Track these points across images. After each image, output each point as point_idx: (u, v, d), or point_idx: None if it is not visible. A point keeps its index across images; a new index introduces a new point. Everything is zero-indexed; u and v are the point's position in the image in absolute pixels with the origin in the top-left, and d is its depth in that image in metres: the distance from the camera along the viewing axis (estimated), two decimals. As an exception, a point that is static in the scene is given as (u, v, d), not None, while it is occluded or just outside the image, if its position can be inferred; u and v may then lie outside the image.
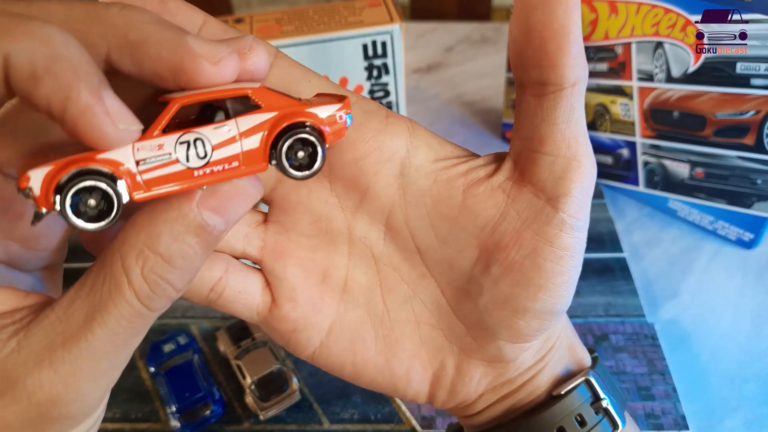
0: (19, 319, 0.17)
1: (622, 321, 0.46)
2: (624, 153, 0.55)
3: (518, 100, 0.23)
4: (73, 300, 0.17)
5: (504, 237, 0.23)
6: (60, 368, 0.16)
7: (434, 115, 0.68)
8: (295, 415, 0.42)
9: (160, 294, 0.17)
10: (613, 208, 0.56)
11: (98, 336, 0.17)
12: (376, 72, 0.44)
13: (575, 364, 0.27)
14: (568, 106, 0.21)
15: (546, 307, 0.23)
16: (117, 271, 0.17)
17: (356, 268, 0.25)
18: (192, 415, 0.40)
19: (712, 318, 0.47)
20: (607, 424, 0.25)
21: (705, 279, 0.50)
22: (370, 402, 0.42)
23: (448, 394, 0.26)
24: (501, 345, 0.24)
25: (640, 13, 0.48)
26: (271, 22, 0.43)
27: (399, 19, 0.43)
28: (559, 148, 0.22)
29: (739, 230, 0.51)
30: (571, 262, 0.22)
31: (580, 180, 0.22)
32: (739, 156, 0.47)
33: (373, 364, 0.25)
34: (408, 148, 0.23)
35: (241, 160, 0.18)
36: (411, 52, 0.79)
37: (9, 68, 0.15)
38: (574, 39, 0.20)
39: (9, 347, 0.16)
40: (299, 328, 0.24)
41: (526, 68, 0.21)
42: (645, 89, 0.50)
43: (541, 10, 0.19)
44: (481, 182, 0.23)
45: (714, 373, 0.43)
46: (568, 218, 0.22)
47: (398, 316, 0.25)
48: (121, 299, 0.17)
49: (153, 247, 0.17)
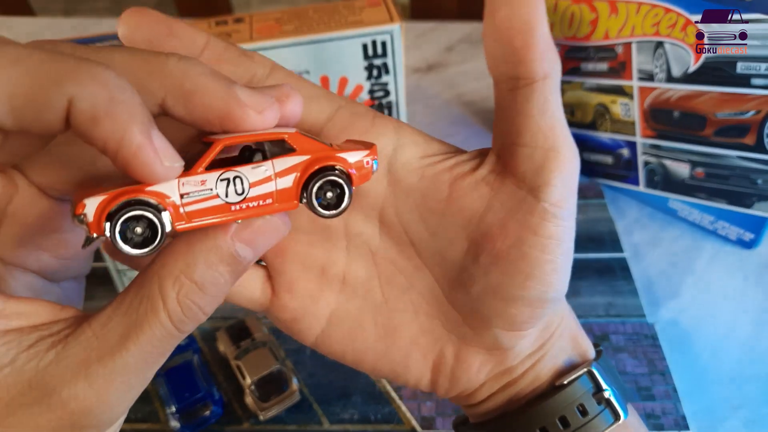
0: (57, 332, 0.18)
1: (622, 321, 0.46)
2: (624, 153, 0.55)
3: (495, 95, 0.23)
4: (110, 318, 0.18)
5: (490, 228, 0.23)
6: (94, 382, 0.18)
7: (434, 115, 0.68)
8: (295, 415, 0.42)
9: (191, 317, 0.19)
10: (614, 208, 0.56)
11: (132, 353, 0.18)
12: (376, 72, 0.44)
13: (579, 355, 0.27)
14: (542, 98, 0.22)
15: (536, 294, 0.23)
16: (154, 295, 0.18)
17: (354, 261, 0.26)
18: (192, 416, 0.40)
19: (713, 318, 0.47)
20: (608, 414, 0.25)
21: (705, 279, 0.50)
22: (370, 402, 0.42)
23: (450, 382, 0.26)
24: (497, 333, 0.25)
25: (641, 12, 0.47)
26: (271, 22, 0.43)
27: (399, 19, 0.43)
28: (536, 139, 0.22)
29: (739, 230, 0.51)
30: (557, 249, 0.23)
31: (559, 169, 0.22)
32: (739, 156, 0.47)
33: (373, 351, 0.26)
34: (394, 147, 0.24)
35: (274, 197, 0.20)
36: (411, 52, 0.79)
37: (72, 109, 0.16)
38: (539, 34, 0.21)
39: (48, 359, 0.18)
40: (299, 317, 0.26)
41: (498, 64, 0.22)
42: (645, 89, 0.50)
43: (506, 8, 0.20)
44: (466, 176, 0.24)
45: (714, 373, 0.43)
46: (550, 207, 0.22)
47: (396, 306, 0.26)
48: (156, 321, 0.18)
49: (189, 274, 0.18)
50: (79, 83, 0.16)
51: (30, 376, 0.17)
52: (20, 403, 0.17)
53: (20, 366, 0.17)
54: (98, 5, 1.28)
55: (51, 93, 0.16)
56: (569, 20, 0.52)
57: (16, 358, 0.17)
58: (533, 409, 0.25)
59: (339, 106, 0.24)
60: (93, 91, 0.16)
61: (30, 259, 0.22)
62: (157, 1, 1.18)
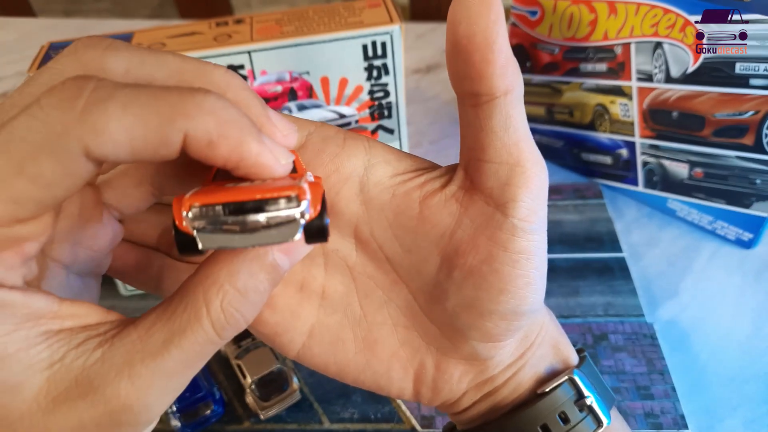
0: (103, 332, 0.19)
1: (621, 321, 0.46)
2: (623, 153, 0.55)
3: (459, 111, 0.24)
4: (154, 323, 0.19)
5: (461, 244, 0.24)
6: (136, 381, 0.18)
7: (434, 116, 0.68)
8: (296, 414, 0.42)
9: (233, 324, 0.19)
10: (613, 208, 0.56)
11: (174, 357, 0.19)
12: (375, 72, 0.44)
13: (560, 362, 0.27)
14: (504, 113, 0.22)
15: (510, 308, 0.23)
16: (198, 302, 0.19)
17: (332, 277, 0.26)
18: (192, 415, 0.40)
19: (712, 318, 0.47)
20: (591, 421, 0.25)
21: (704, 279, 0.50)
22: (370, 401, 0.42)
23: (432, 392, 0.27)
24: (474, 344, 0.25)
25: (640, 13, 0.48)
26: (271, 23, 0.43)
27: (399, 20, 0.43)
28: (500, 155, 0.22)
29: (738, 230, 0.51)
30: (528, 264, 0.23)
31: (525, 185, 0.22)
32: (738, 156, 0.47)
33: (354, 363, 0.26)
34: (365, 167, 0.25)
35: None
36: (411, 53, 0.79)
37: (188, 141, 0.17)
38: (498, 49, 0.21)
39: (94, 357, 0.18)
40: (279, 331, 0.26)
41: (459, 80, 0.22)
42: (644, 89, 0.50)
43: (465, 24, 0.20)
44: (436, 193, 0.24)
45: (713, 373, 0.43)
46: (519, 222, 0.22)
47: (375, 320, 0.26)
48: (199, 327, 0.19)
49: (233, 282, 0.19)
50: (191, 117, 0.17)
51: (77, 373, 0.18)
52: (66, 397, 0.18)
53: (69, 363, 0.18)
54: (99, 6, 1.28)
55: (166, 131, 0.17)
56: (568, 21, 0.53)
57: (65, 356, 0.18)
58: (514, 417, 0.25)
59: (309, 132, 0.25)
60: (204, 120, 0.17)
61: (67, 252, 0.22)
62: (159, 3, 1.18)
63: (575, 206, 0.57)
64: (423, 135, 0.65)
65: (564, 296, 0.49)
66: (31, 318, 0.18)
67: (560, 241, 0.53)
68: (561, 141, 0.60)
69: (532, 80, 0.58)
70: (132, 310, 0.49)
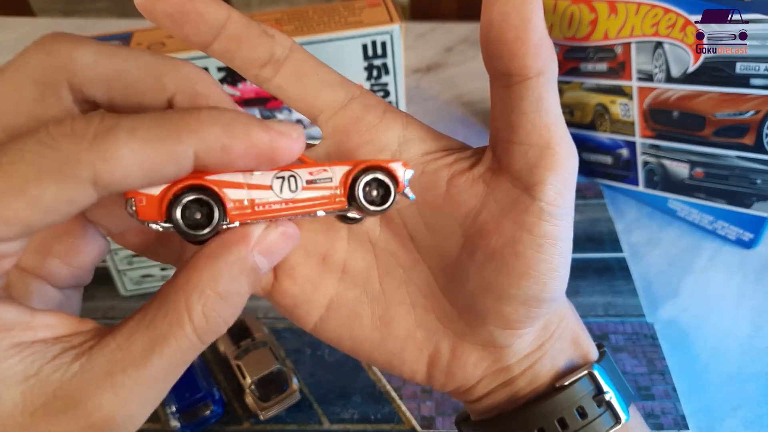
0: (79, 344, 0.19)
1: (621, 321, 0.46)
2: (624, 153, 0.55)
3: (491, 92, 0.23)
4: (133, 331, 0.19)
5: (485, 225, 0.23)
6: (119, 392, 0.18)
7: (434, 115, 0.68)
8: (295, 415, 0.42)
9: (215, 329, 0.19)
10: (613, 207, 0.56)
11: (155, 365, 0.18)
12: (375, 72, 0.44)
13: (580, 357, 0.27)
14: (535, 95, 0.21)
15: (531, 294, 0.23)
16: (179, 308, 0.19)
17: (355, 251, 0.26)
18: (192, 415, 0.40)
19: (712, 318, 0.47)
20: (608, 417, 0.25)
21: (705, 279, 0.50)
22: (370, 402, 0.42)
23: (446, 377, 0.26)
24: (492, 330, 0.25)
25: (640, 13, 0.48)
26: (271, 23, 0.43)
27: (399, 20, 0.43)
28: (531, 137, 0.22)
29: (738, 230, 0.51)
30: (553, 249, 0.22)
31: (554, 168, 0.22)
32: (738, 156, 0.47)
33: (369, 340, 0.26)
34: (399, 142, 0.24)
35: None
36: (411, 52, 0.79)
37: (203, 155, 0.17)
38: (533, 29, 0.20)
39: (72, 370, 0.18)
40: (298, 303, 0.26)
41: (491, 59, 0.22)
42: (644, 89, 0.50)
43: (501, 2, 0.20)
44: (463, 173, 0.24)
45: (714, 373, 0.43)
46: (546, 206, 0.22)
47: (393, 298, 0.26)
48: (181, 333, 0.19)
49: (214, 287, 0.19)
50: (195, 131, 0.17)
51: (55, 387, 0.18)
52: (45, 412, 0.18)
53: (45, 377, 0.18)
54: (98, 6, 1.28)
55: (175, 149, 0.17)
56: (568, 21, 0.52)
57: (41, 369, 0.18)
58: (531, 409, 0.25)
59: (352, 97, 0.24)
60: (210, 130, 0.17)
61: (42, 265, 0.22)
62: None
63: (576, 206, 0.56)
64: (423, 135, 0.65)
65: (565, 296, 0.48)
66: (1, 330, 0.18)
67: (560, 241, 0.53)
68: (561, 141, 0.60)
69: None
70: (132, 310, 0.49)
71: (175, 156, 0.17)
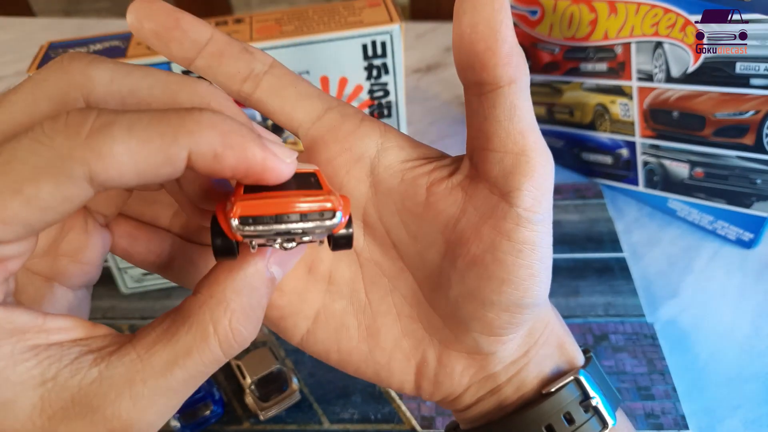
0: (96, 348, 0.19)
1: (621, 321, 0.46)
2: (623, 153, 0.55)
3: (465, 101, 0.24)
4: (155, 342, 0.19)
5: (465, 232, 0.24)
6: (138, 401, 0.18)
7: (434, 115, 0.68)
8: (295, 415, 0.42)
9: (240, 342, 0.20)
10: (613, 207, 0.56)
11: (177, 377, 0.19)
12: (375, 72, 0.44)
13: (566, 362, 0.27)
14: (508, 103, 0.22)
15: (512, 300, 0.23)
16: (204, 322, 0.19)
17: (340, 261, 0.26)
18: (192, 415, 0.40)
19: (712, 318, 0.47)
20: (596, 422, 0.25)
21: (704, 279, 0.50)
22: (370, 402, 0.42)
23: (433, 386, 0.26)
24: (476, 337, 0.25)
25: (640, 13, 0.48)
26: (270, 23, 0.43)
27: (399, 19, 0.43)
28: (505, 144, 0.22)
29: (738, 230, 0.51)
30: (532, 255, 0.23)
31: (530, 174, 0.22)
32: (738, 156, 0.47)
33: (357, 352, 0.26)
34: (378, 149, 0.25)
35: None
36: (411, 52, 0.79)
37: (193, 158, 0.17)
38: (503, 39, 0.21)
39: (91, 376, 0.18)
40: (286, 315, 0.26)
41: (464, 70, 0.22)
42: (644, 89, 0.50)
43: (469, 13, 0.21)
44: (442, 181, 0.24)
45: (714, 373, 0.43)
46: (523, 212, 0.22)
47: (379, 308, 0.26)
48: (206, 347, 0.19)
49: (237, 300, 0.20)
50: (193, 133, 0.17)
51: (73, 392, 0.18)
52: (63, 416, 0.18)
53: (63, 381, 0.18)
54: (99, 5, 1.28)
55: (171, 150, 0.17)
56: (568, 20, 0.52)
57: (59, 373, 0.18)
58: (519, 417, 0.25)
59: (329, 107, 0.25)
60: (206, 134, 0.17)
61: (54, 266, 0.22)
62: (157, 2, 1.18)
63: (575, 206, 0.57)
64: (423, 135, 0.65)
65: (564, 296, 0.48)
66: (14, 333, 0.18)
67: (560, 241, 0.53)
68: (561, 141, 0.60)
69: (533, 80, 0.58)
70: (132, 310, 0.49)
71: (170, 156, 0.17)
